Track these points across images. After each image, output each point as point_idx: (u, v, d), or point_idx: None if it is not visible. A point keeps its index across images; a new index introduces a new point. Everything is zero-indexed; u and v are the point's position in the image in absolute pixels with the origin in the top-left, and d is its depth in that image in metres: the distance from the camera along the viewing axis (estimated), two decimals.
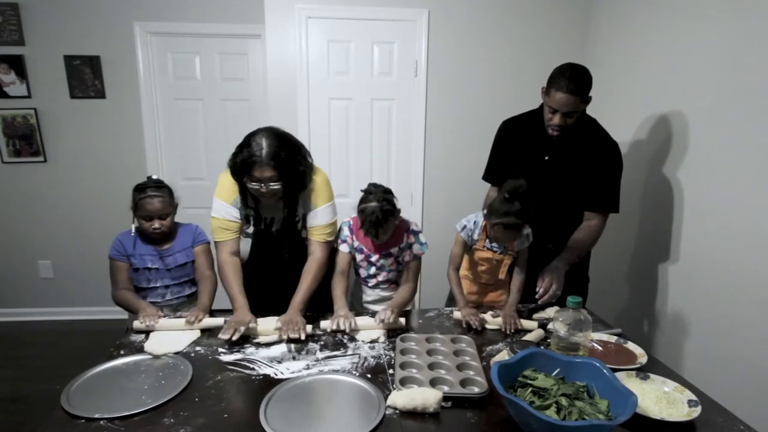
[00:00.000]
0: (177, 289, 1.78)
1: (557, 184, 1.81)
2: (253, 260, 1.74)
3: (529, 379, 1.08)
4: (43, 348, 3.04)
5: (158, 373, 1.29)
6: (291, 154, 1.53)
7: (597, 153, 1.76)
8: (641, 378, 1.23)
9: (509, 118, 1.97)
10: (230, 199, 1.64)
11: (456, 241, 1.78)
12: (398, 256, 1.75)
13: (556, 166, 1.81)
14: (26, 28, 3.01)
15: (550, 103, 1.68)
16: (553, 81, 1.66)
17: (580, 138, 1.76)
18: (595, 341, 1.43)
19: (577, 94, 1.63)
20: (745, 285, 1.69)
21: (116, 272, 1.73)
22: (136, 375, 1.28)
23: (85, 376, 1.26)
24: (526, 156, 1.85)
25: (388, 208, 1.58)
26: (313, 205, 1.68)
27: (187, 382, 1.23)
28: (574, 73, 1.63)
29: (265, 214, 1.70)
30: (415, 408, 1.09)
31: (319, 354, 1.40)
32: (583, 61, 2.76)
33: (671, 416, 1.08)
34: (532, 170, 1.81)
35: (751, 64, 1.66)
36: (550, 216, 1.82)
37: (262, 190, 1.52)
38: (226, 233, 1.66)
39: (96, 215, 3.29)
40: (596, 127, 1.81)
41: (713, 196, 1.84)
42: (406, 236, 1.73)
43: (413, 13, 2.71)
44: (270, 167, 1.48)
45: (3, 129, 3.13)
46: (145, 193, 1.67)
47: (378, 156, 2.91)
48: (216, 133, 3.26)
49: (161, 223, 1.69)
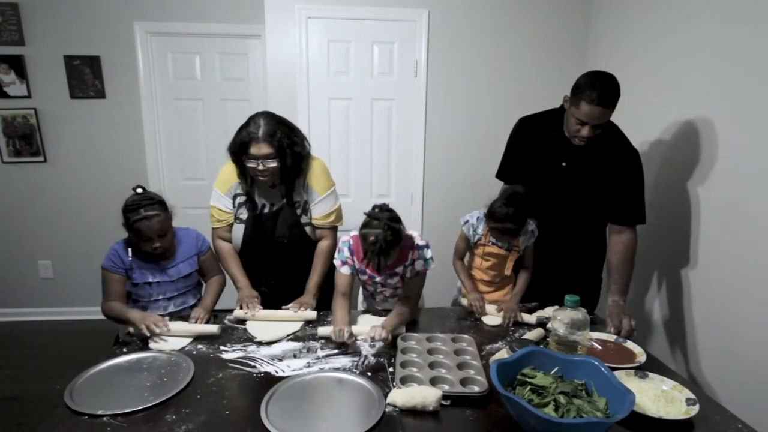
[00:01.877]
0: (180, 299, 1.70)
1: (574, 192, 1.76)
2: (248, 245, 1.76)
3: (527, 377, 1.09)
4: (43, 348, 3.04)
5: (160, 370, 1.29)
6: (287, 134, 1.62)
7: (617, 162, 1.69)
8: (640, 377, 1.24)
9: (526, 116, 1.90)
10: (225, 189, 1.72)
11: (460, 235, 1.82)
12: (404, 273, 1.64)
13: (573, 173, 1.74)
14: (26, 28, 3.01)
15: (578, 116, 1.59)
16: (581, 92, 1.56)
17: (600, 145, 1.68)
18: (595, 340, 1.43)
19: (607, 105, 1.55)
20: (745, 285, 1.69)
21: (110, 284, 1.59)
22: (139, 372, 1.29)
23: (88, 374, 1.27)
24: (542, 160, 1.80)
25: (392, 238, 1.41)
26: (316, 193, 1.73)
27: (189, 378, 1.23)
28: (604, 83, 1.55)
29: (263, 201, 1.73)
30: (415, 406, 1.10)
31: (319, 352, 1.41)
32: (583, 61, 2.80)
33: (669, 414, 1.09)
34: (548, 176, 1.77)
35: (753, 68, 1.67)
36: (566, 223, 1.80)
37: (259, 168, 1.58)
38: (217, 222, 1.76)
39: (96, 215, 3.29)
40: (617, 135, 1.73)
41: (714, 198, 1.84)
42: (411, 253, 1.60)
43: (413, 13, 2.71)
44: (266, 144, 1.56)
45: (3, 129, 3.13)
46: (139, 214, 1.51)
47: (378, 156, 2.92)
48: (216, 133, 3.25)
49: (162, 241, 1.57)
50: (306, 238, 1.78)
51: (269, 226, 1.73)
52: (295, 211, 1.73)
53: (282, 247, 1.74)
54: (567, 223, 1.81)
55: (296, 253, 1.76)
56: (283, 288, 1.75)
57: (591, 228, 1.81)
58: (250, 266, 1.78)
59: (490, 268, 1.79)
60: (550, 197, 1.80)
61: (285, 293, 1.69)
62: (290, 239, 1.74)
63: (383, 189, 2.97)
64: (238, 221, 1.75)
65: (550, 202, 1.80)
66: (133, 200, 1.54)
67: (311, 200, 1.74)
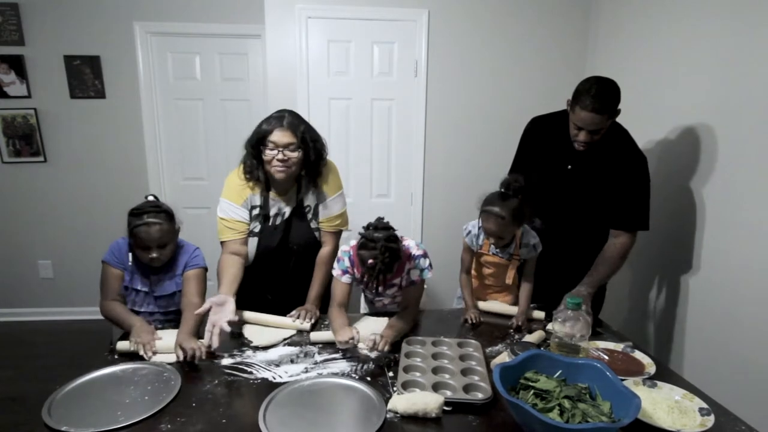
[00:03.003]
0: (162, 318, 1.61)
1: (578, 195, 1.74)
2: (261, 257, 1.72)
3: (531, 381, 1.07)
4: (43, 348, 3.04)
5: (150, 379, 1.25)
6: (309, 129, 1.60)
7: (623, 167, 1.67)
8: (649, 386, 1.21)
9: (538, 116, 1.88)
10: (240, 200, 1.64)
11: (463, 247, 1.79)
12: (401, 283, 1.63)
13: (578, 176, 1.73)
14: (26, 28, 3.00)
15: (575, 121, 1.60)
16: (578, 98, 1.57)
17: (606, 149, 1.67)
18: (602, 350, 1.40)
19: (602, 112, 1.54)
20: (748, 285, 1.68)
21: (109, 279, 1.55)
22: (127, 384, 1.23)
23: (69, 387, 1.21)
24: (548, 162, 1.78)
25: (390, 260, 1.38)
26: (324, 196, 1.70)
27: (178, 388, 1.19)
28: (600, 89, 1.54)
29: (275, 209, 1.69)
30: (417, 412, 1.09)
31: (317, 357, 1.39)
32: (583, 61, 2.78)
33: (685, 427, 1.06)
34: (553, 178, 1.76)
35: (754, 68, 1.65)
36: (570, 226, 1.78)
37: (279, 157, 1.53)
38: (231, 232, 1.64)
39: (96, 215, 3.29)
40: (625, 139, 1.71)
41: (715, 199, 1.82)
42: (408, 263, 1.58)
43: (413, 13, 2.70)
44: (290, 132, 1.53)
45: (3, 129, 3.12)
46: (141, 219, 1.48)
47: (378, 156, 2.90)
48: (216, 133, 3.25)
49: (160, 253, 1.51)
50: (317, 243, 1.75)
51: (282, 234, 1.69)
52: (305, 216, 1.71)
53: (293, 253, 1.72)
54: (571, 225, 1.79)
55: (306, 258, 1.73)
56: (289, 295, 1.71)
57: (595, 231, 1.79)
58: (261, 277, 1.74)
59: (491, 276, 1.78)
60: (555, 199, 1.78)
61: (290, 300, 1.66)
62: (302, 245, 1.71)
63: (383, 189, 2.95)
64: (251, 235, 1.69)
65: (555, 204, 1.79)
66: (140, 206, 1.52)
67: (320, 201, 1.71)
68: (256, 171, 1.61)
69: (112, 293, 1.54)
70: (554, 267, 1.79)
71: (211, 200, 1.66)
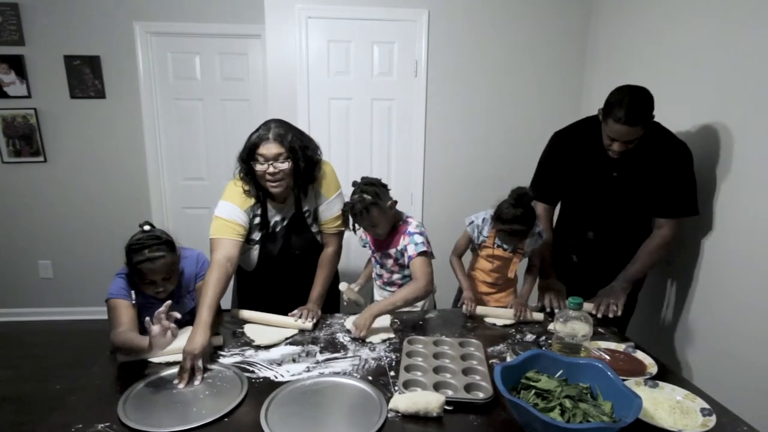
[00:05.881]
0: (189, 318, 1.51)
1: (628, 200, 1.72)
2: (263, 264, 1.72)
3: (532, 381, 1.08)
4: (43, 348, 3.04)
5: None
6: (297, 136, 1.57)
7: (667, 159, 1.65)
8: (650, 386, 1.21)
9: (561, 129, 1.86)
10: (245, 206, 1.61)
11: (463, 234, 1.81)
12: (398, 258, 1.73)
13: (627, 181, 1.70)
14: (26, 28, 3.00)
15: (608, 133, 1.58)
16: (610, 110, 1.54)
17: (648, 148, 1.64)
18: (603, 350, 1.40)
19: (635, 124, 1.52)
20: (750, 286, 1.68)
21: (119, 312, 1.38)
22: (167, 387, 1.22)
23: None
24: (589, 172, 1.75)
25: (369, 199, 1.57)
26: (323, 197, 1.70)
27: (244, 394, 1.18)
28: (633, 101, 1.51)
29: (274, 218, 1.69)
30: (418, 412, 1.09)
31: (319, 356, 1.39)
32: (583, 61, 2.79)
33: (687, 427, 1.06)
34: (599, 187, 1.73)
35: (755, 66, 1.65)
36: (623, 234, 1.77)
37: (269, 171, 1.51)
38: (226, 231, 1.57)
39: (96, 215, 3.29)
40: (663, 132, 1.69)
41: (722, 202, 1.81)
42: (403, 238, 1.68)
43: (413, 13, 2.70)
44: (277, 144, 1.51)
45: (3, 129, 3.12)
46: (143, 254, 1.36)
47: (378, 156, 2.90)
48: (216, 133, 3.25)
49: (166, 285, 1.43)
50: (319, 247, 1.76)
51: (283, 240, 1.69)
52: (305, 221, 1.71)
53: (294, 258, 1.72)
54: (624, 231, 1.78)
55: (308, 263, 1.73)
56: (292, 299, 1.70)
57: (647, 233, 1.78)
58: (263, 284, 1.74)
59: (494, 271, 1.78)
60: (603, 208, 1.77)
61: (293, 304, 1.65)
62: (304, 251, 1.72)
63: None
64: (251, 243, 1.69)
65: (605, 213, 1.77)
66: (138, 239, 1.39)
67: (319, 204, 1.70)
68: (251, 185, 1.59)
69: (125, 324, 1.36)
70: (611, 275, 1.76)
71: (211, 200, 1.64)
